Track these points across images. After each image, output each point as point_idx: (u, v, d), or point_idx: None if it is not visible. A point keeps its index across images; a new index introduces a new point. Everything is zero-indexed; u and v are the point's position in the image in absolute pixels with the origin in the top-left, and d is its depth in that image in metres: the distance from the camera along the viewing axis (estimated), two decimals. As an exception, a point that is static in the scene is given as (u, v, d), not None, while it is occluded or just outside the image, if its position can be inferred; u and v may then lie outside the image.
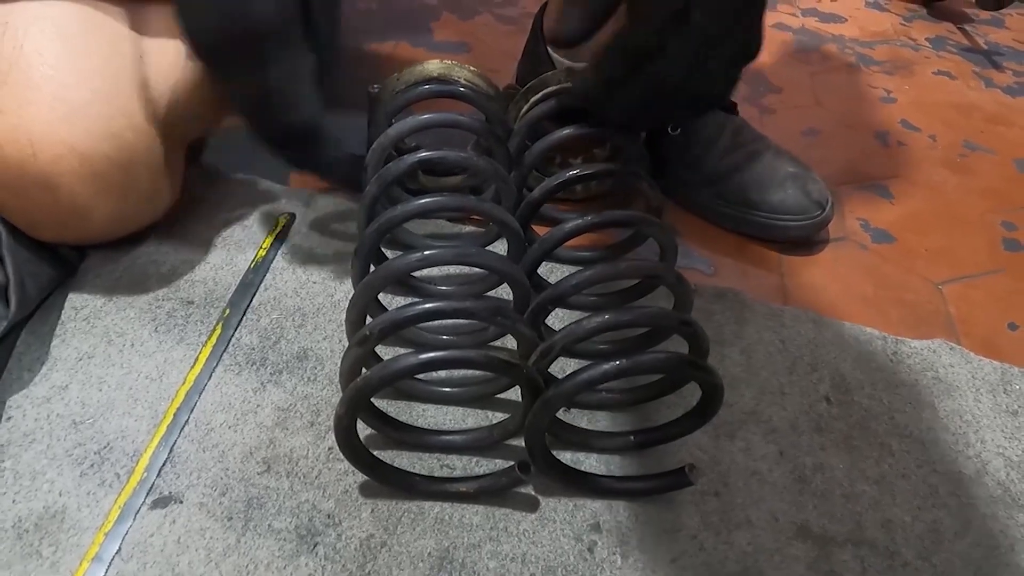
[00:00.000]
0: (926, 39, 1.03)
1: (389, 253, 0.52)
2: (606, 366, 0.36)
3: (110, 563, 0.37)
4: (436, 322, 0.50)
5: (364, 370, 0.38)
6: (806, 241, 0.63)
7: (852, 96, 0.88)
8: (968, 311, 0.61)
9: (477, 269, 0.55)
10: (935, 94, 0.90)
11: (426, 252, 0.41)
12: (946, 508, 0.45)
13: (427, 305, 0.38)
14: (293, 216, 0.59)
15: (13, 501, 0.39)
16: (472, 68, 0.56)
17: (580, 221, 0.45)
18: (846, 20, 1.05)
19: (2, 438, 0.42)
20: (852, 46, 0.98)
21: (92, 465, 0.41)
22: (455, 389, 0.46)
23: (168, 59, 0.49)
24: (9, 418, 0.43)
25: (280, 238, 0.57)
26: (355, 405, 0.37)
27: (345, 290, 0.53)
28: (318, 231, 0.58)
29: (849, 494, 0.45)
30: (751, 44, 0.41)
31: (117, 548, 0.38)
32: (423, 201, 0.44)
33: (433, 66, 0.56)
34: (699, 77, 0.41)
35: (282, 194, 0.61)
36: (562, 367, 0.47)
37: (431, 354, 0.36)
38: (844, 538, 0.43)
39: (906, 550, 0.43)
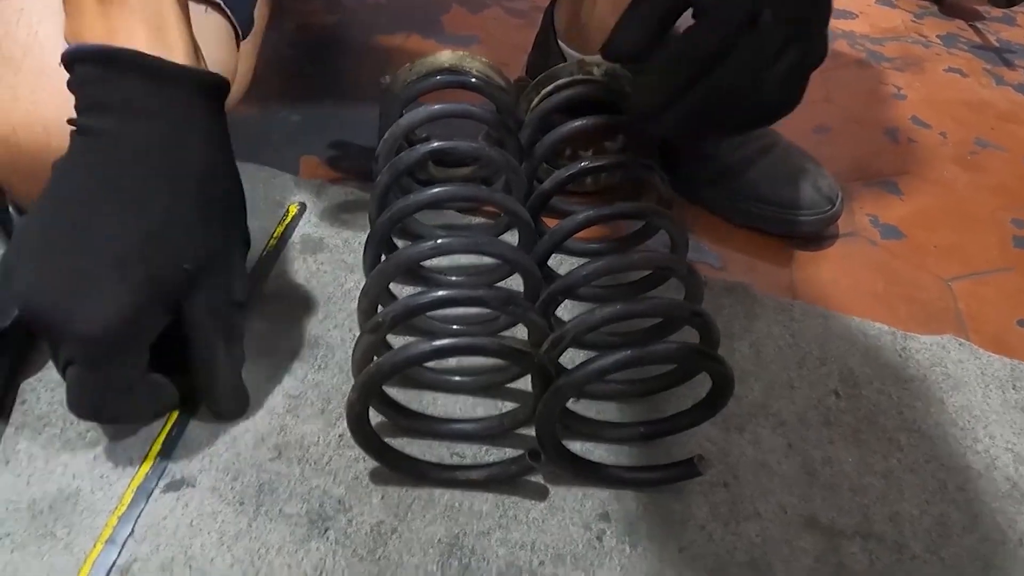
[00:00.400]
0: (937, 36, 1.03)
1: (400, 244, 0.52)
2: (619, 355, 0.36)
3: (123, 545, 0.38)
4: (446, 313, 0.51)
5: (376, 358, 0.39)
6: (816, 236, 0.63)
7: (862, 92, 0.88)
8: (978, 308, 0.60)
9: (487, 260, 0.56)
10: (946, 91, 0.90)
11: (439, 240, 0.41)
12: (954, 503, 0.45)
13: (440, 293, 0.38)
14: (304, 205, 0.59)
15: (27, 483, 0.40)
16: (484, 59, 0.56)
17: (592, 212, 0.45)
18: (856, 16, 1.05)
19: (16, 421, 0.42)
20: (862, 42, 0.98)
21: (105, 448, 0.41)
22: (465, 378, 0.47)
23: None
24: (23, 401, 0.43)
25: (291, 226, 0.57)
26: (368, 391, 0.37)
27: (355, 279, 0.54)
28: (328, 221, 0.58)
29: (857, 487, 0.46)
30: (817, 49, 0.40)
31: (131, 530, 0.38)
32: (436, 190, 0.45)
33: (445, 57, 0.56)
34: (766, 83, 0.39)
35: (293, 183, 0.61)
36: (571, 359, 0.47)
37: (444, 341, 0.36)
38: (852, 531, 0.43)
39: (914, 543, 0.43)
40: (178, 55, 0.37)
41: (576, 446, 0.44)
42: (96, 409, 0.38)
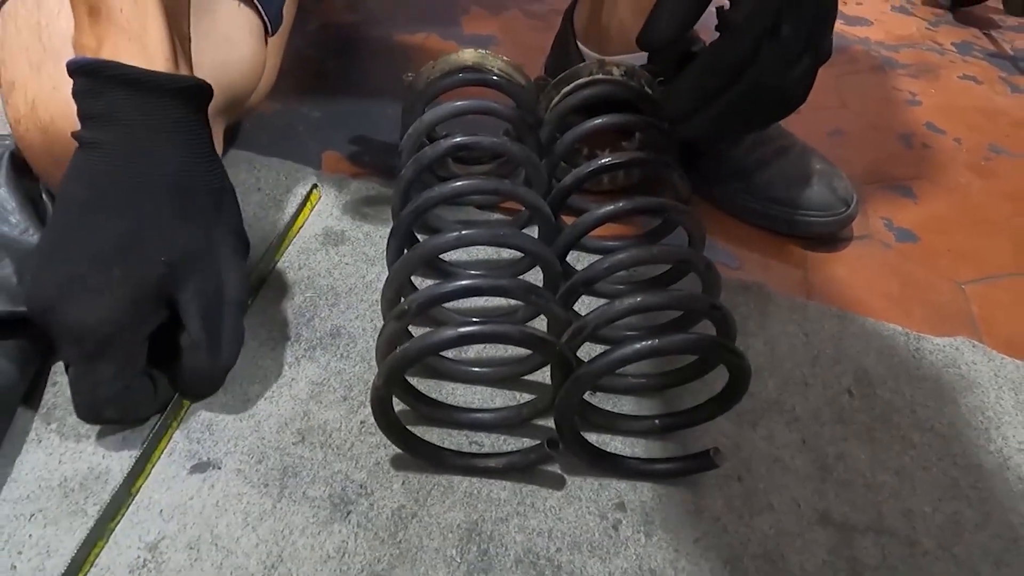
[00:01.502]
0: (952, 44, 1.03)
1: (421, 239, 0.53)
2: (639, 344, 0.37)
3: (150, 523, 0.39)
4: (466, 306, 0.52)
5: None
6: (831, 238, 0.64)
7: (877, 98, 0.88)
8: (991, 311, 0.61)
9: (505, 255, 0.57)
10: (960, 98, 0.90)
11: (463, 232, 0.42)
12: (967, 500, 0.46)
13: (464, 281, 0.39)
14: (315, 185, 0.60)
15: (59, 461, 0.41)
16: (505, 58, 0.57)
17: (612, 207, 0.46)
18: (872, 23, 1.05)
19: (48, 402, 0.43)
20: (878, 49, 0.99)
21: (134, 430, 0.42)
22: (485, 369, 0.47)
23: (216, 42, 0.50)
24: (55, 384, 0.44)
25: (312, 210, 0.58)
26: (393, 376, 0.38)
27: (376, 272, 0.55)
28: (350, 215, 0.59)
29: (871, 484, 0.46)
30: (826, 49, 0.46)
31: (159, 509, 0.39)
32: (459, 184, 0.45)
33: (467, 55, 0.57)
34: (788, 82, 0.46)
35: (315, 178, 0.62)
36: (587, 355, 0.48)
37: (469, 328, 0.37)
38: (865, 526, 0.44)
39: (927, 539, 0.44)
40: (158, 64, 0.39)
41: (592, 438, 0.45)
42: (95, 409, 0.40)
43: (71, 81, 0.45)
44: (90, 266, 0.37)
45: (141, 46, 0.38)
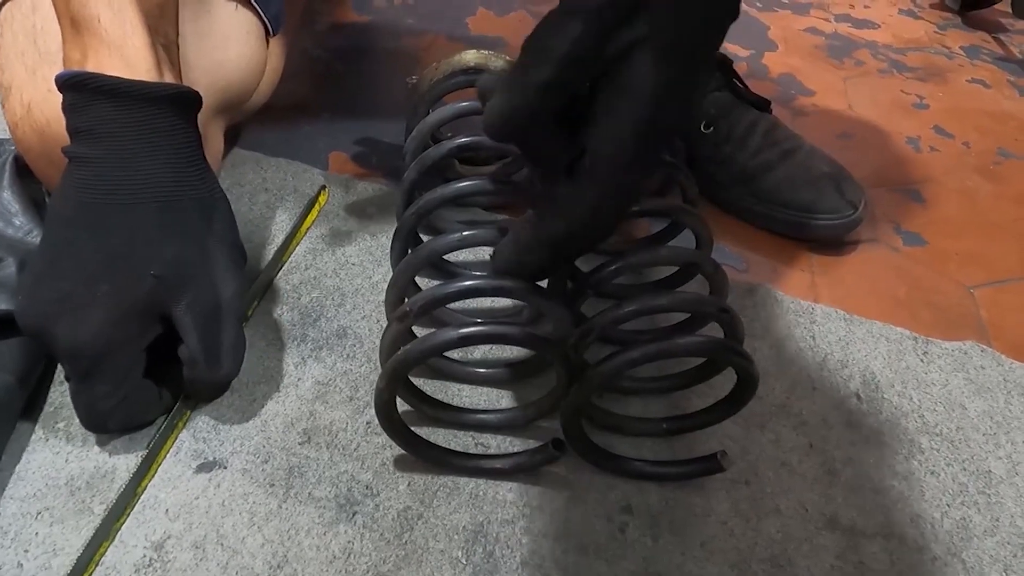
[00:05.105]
0: (960, 47, 1.03)
1: (426, 239, 0.53)
2: (647, 347, 0.37)
3: (156, 521, 0.39)
4: (470, 307, 0.52)
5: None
6: (837, 241, 0.64)
7: (885, 101, 0.88)
8: (1000, 315, 0.60)
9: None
10: (969, 102, 0.90)
11: (465, 232, 0.42)
12: (975, 506, 0.45)
13: (467, 282, 0.39)
14: (324, 186, 0.60)
15: (66, 460, 0.41)
16: (508, 58, 0.57)
17: (619, 209, 0.45)
18: (879, 27, 1.05)
19: (55, 401, 0.43)
20: (885, 52, 0.98)
21: (140, 429, 0.42)
22: (491, 370, 0.47)
23: (214, 42, 0.50)
24: (61, 383, 0.44)
25: (320, 211, 0.58)
26: (395, 378, 0.38)
27: (383, 272, 0.55)
28: (356, 215, 0.59)
29: (878, 488, 0.46)
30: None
31: (165, 509, 0.39)
32: (463, 184, 0.45)
33: (470, 56, 0.57)
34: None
35: (322, 178, 0.62)
36: (592, 357, 0.47)
37: (471, 328, 0.37)
38: (873, 531, 0.43)
39: (935, 545, 0.43)
40: (140, 72, 0.38)
41: (599, 440, 0.45)
42: (97, 422, 0.40)
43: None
44: (78, 284, 0.37)
45: (121, 56, 0.38)
